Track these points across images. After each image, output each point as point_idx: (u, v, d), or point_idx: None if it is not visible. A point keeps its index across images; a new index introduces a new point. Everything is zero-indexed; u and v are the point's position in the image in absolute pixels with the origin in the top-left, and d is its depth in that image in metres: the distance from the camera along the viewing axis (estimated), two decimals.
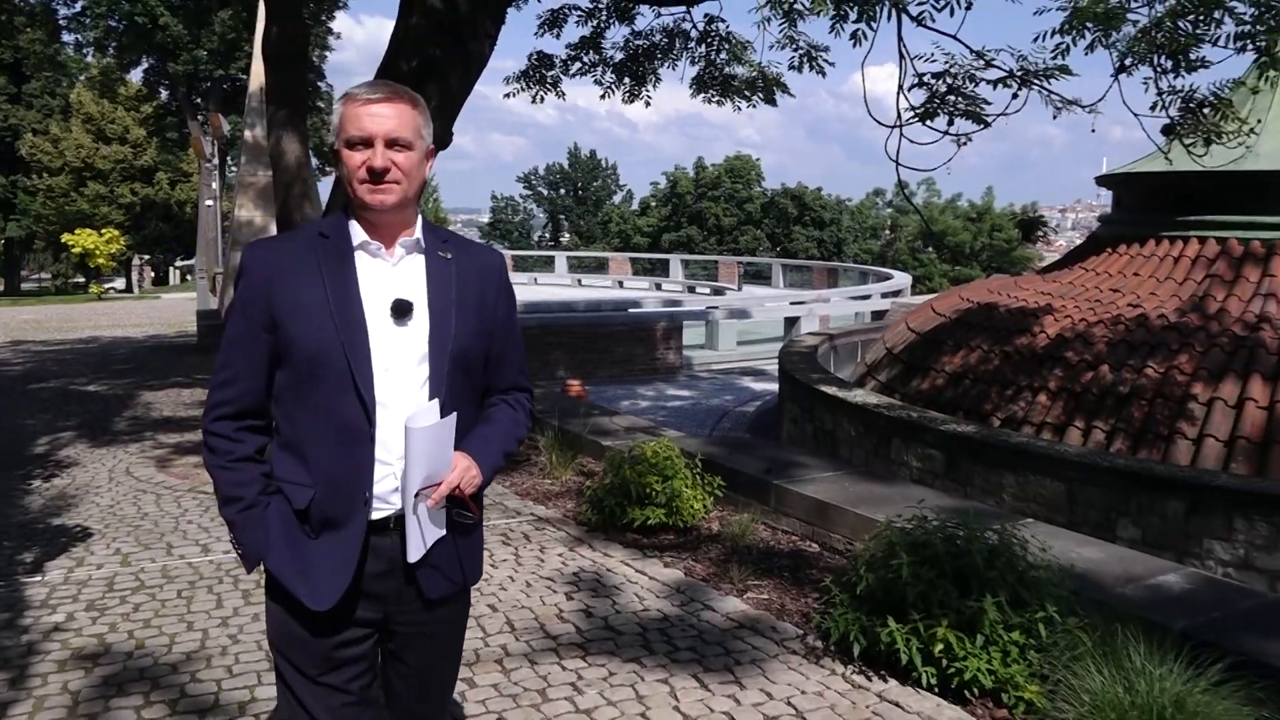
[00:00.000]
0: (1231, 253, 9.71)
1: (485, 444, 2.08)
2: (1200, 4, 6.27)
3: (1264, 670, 3.15)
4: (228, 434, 1.99)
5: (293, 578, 1.95)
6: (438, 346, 1.98)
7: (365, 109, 1.93)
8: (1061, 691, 3.13)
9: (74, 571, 4.85)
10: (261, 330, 1.96)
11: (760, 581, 4.61)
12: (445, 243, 2.08)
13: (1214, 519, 6.53)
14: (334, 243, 1.99)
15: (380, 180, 1.92)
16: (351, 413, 1.92)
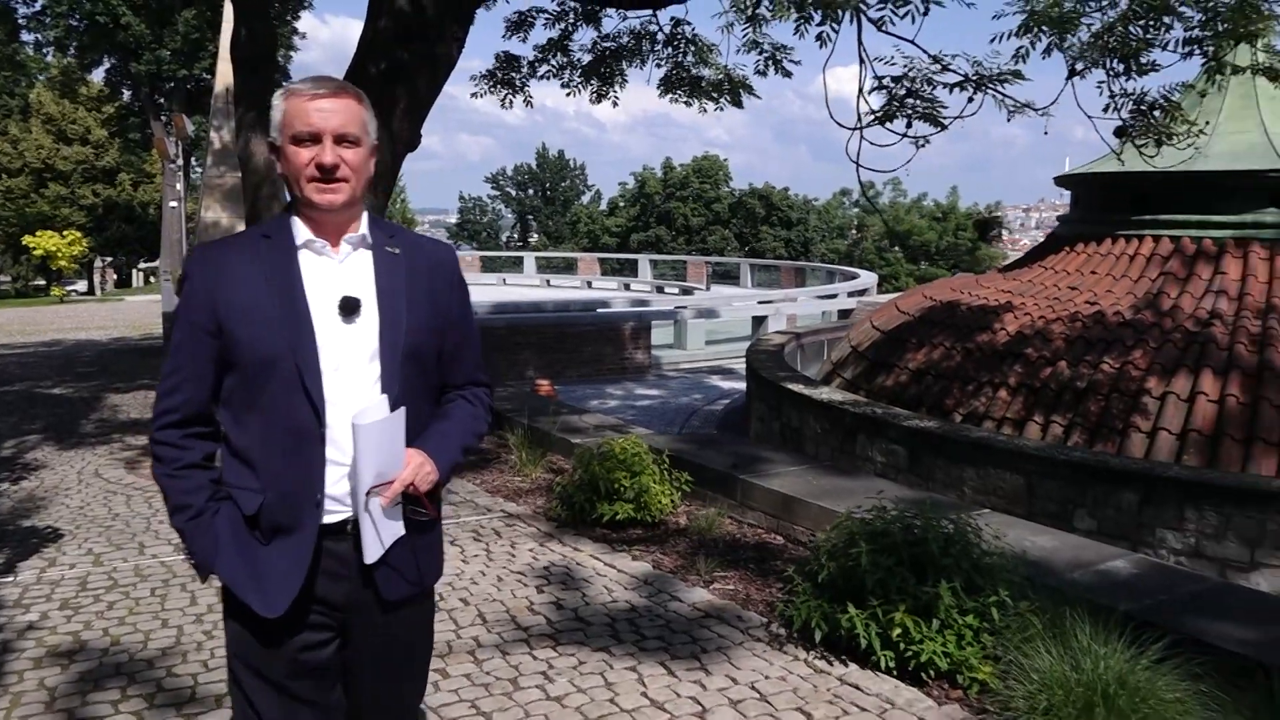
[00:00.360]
0: (1185, 251, 9.98)
1: (441, 440, 2.04)
2: (1150, 9, 6.48)
3: (1203, 648, 3.31)
4: (174, 441, 1.97)
5: (244, 585, 1.92)
6: (389, 343, 1.95)
7: (312, 104, 1.89)
8: (1013, 672, 3.27)
9: (46, 571, 4.88)
10: (206, 335, 1.93)
11: (726, 573, 4.73)
12: (393, 238, 2.05)
13: (1166, 509, 6.73)
14: (277, 243, 1.95)
15: (330, 178, 1.89)
16: (301, 414, 1.88)
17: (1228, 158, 10.01)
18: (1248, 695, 3.03)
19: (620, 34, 9.30)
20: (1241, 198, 9.85)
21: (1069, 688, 3.05)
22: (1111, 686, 2.99)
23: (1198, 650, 3.28)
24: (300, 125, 1.89)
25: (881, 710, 3.36)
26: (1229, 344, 8.33)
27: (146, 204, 43.11)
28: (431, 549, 2.08)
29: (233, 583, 1.93)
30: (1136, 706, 2.95)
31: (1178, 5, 6.44)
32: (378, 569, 1.96)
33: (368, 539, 1.91)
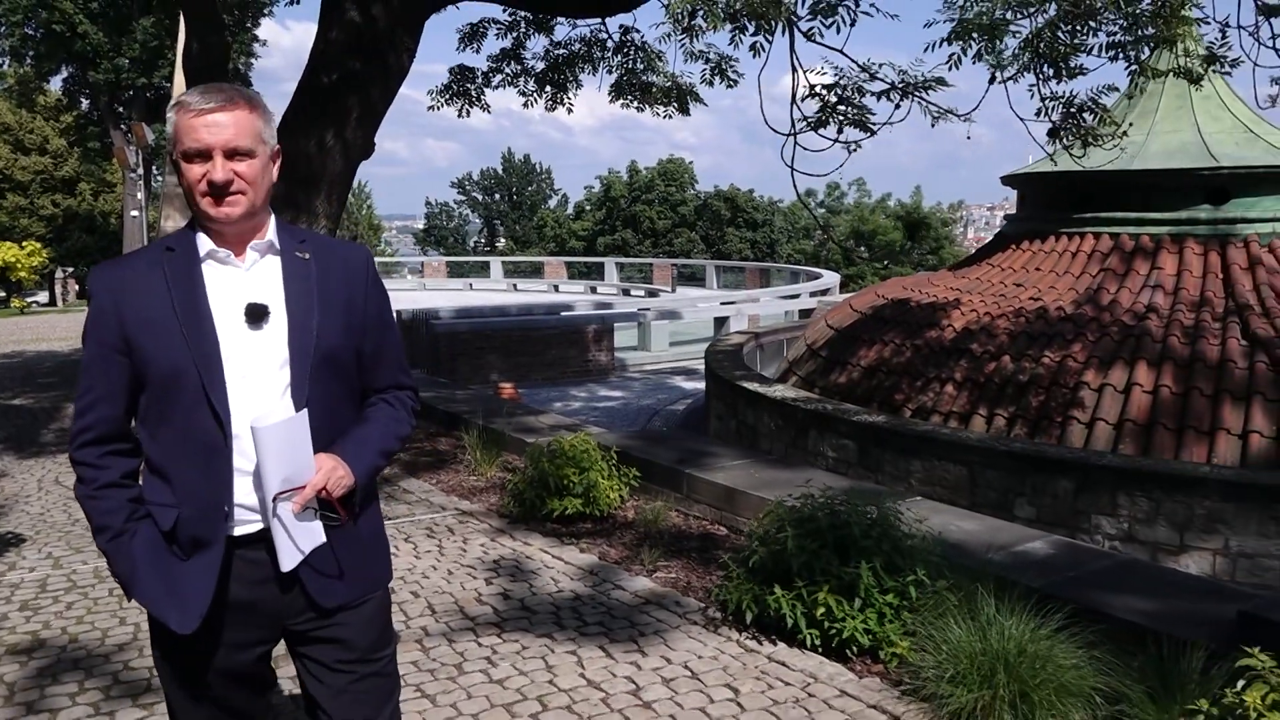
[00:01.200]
0: (1123, 247, 10.31)
1: (358, 444, 2.02)
2: (1076, 15, 6.76)
3: (1101, 618, 3.54)
4: (92, 461, 1.96)
5: (160, 603, 1.92)
6: (298, 349, 1.93)
7: (200, 119, 1.85)
8: (927, 645, 3.48)
9: (6, 575, 4.99)
10: (115, 353, 1.92)
11: (669, 562, 4.92)
12: (303, 243, 2.02)
13: (1100, 496, 7.01)
14: (180, 255, 1.93)
15: (224, 194, 1.87)
16: (206, 426, 1.87)
17: (1163, 156, 10.35)
18: (1138, 659, 3.26)
19: (572, 41, 9.49)
20: (1177, 195, 10.21)
21: (974, 657, 3.26)
22: (1012, 655, 3.21)
23: (1099, 621, 3.52)
24: (189, 142, 1.85)
25: (805, 685, 3.57)
26: (1163, 336, 8.65)
27: (107, 213, 42.72)
28: (366, 553, 2.06)
29: (149, 603, 1.94)
30: (1035, 672, 3.16)
31: (1101, 11, 6.72)
32: (305, 576, 1.95)
33: (281, 546, 1.90)
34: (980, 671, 3.22)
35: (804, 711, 3.36)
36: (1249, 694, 2.71)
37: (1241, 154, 10.04)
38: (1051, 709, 3.12)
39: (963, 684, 3.23)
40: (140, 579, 1.93)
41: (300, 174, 7.06)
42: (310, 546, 1.92)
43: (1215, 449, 7.67)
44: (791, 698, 3.46)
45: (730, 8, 5.33)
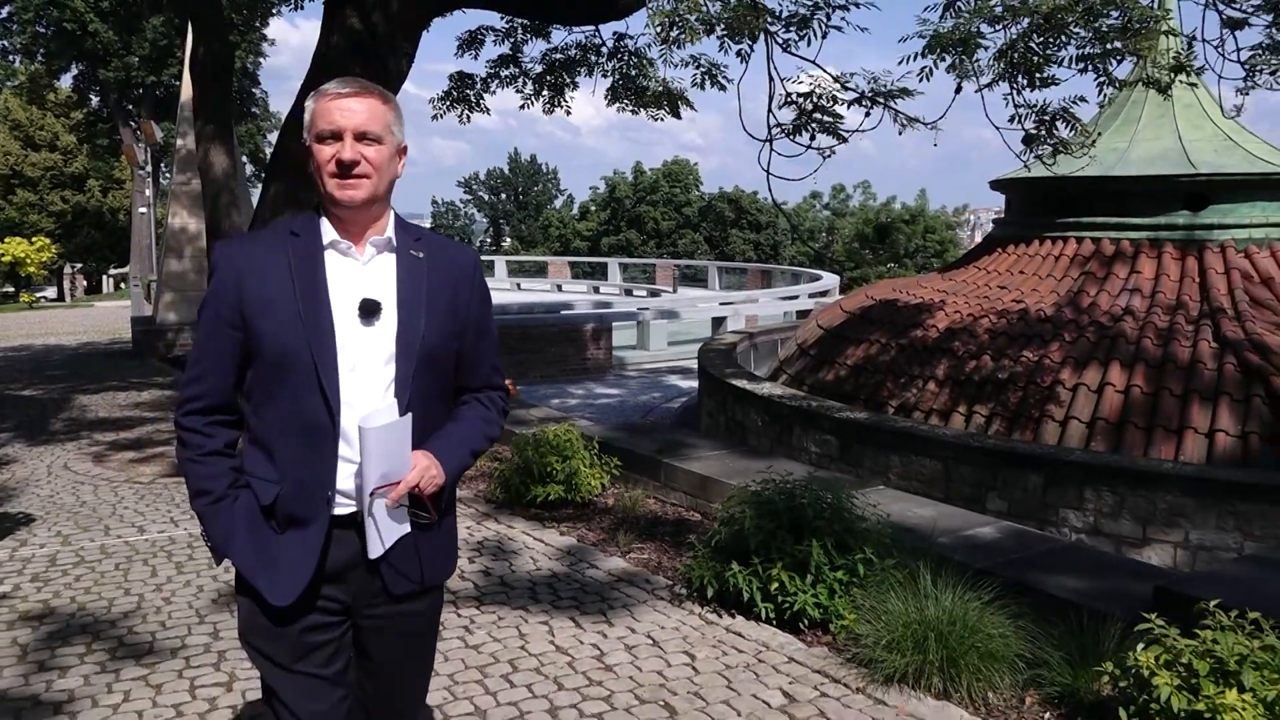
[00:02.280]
0: (1104, 252, 10.57)
1: (450, 443, 2.08)
2: (1047, 29, 7.02)
3: (1034, 594, 3.82)
4: (198, 428, 2.02)
5: (255, 571, 1.98)
6: (405, 347, 1.99)
7: (335, 103, 1.93)
8: (870, 617, 3.76)
9: (18, 551, 5.29)
10: (230, 327, 1.98)
11: (643, 544, 5.21)
12: (418, 241, 2.09)
13: (1068, 491, 7.27)
14: (304, 241, 2.01)
15: (349, 174, 1.93)
16: (316, 411, 1.94)
17: (1143, 163, 10.60)
18: (1060, 629, 3.54)
19: (568, 46, 9.78)
20: (1156, 201, 10.45)
21: (910, 626, 3.54)
22: (944, 625, 3.49)
23: (1032, 597, 3.80)
24: (323, 123, 1.93)
25: (757, 652, 3.85)
26: (1137, 338, 8.90)
27: (116, 210, 43.14)
28: (439, 549, 2.13)
29: (244, 568, 2.00)
30: (963, 640, 3.44)
31: (1071, 26, 6.99)
32: (382, 564, 2.03)
33: (370, 536, 1.98)
34: (914, 639, 3.50)
35: (753, 675, 3.65)
36: (1144, 655, 2.98)
37: (1220, 162, 10.29)
38: (976, 673, 3.40)
39: (897, 650, 3.51)
40: (238, 544, 1.99)
41: (302, 171, 7.35)
42: (395, 538, 2.00)
43: (1183, 447, 7.93)
44: (743, 663, 3.75)
45: (707, 20, 5.61)
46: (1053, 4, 6.80)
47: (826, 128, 6.16)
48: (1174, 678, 2.88)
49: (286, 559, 1.97)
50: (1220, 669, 2.86)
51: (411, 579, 2.06)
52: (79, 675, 3.74)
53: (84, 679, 3.70)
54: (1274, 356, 8.22)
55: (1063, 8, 6.79)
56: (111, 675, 3.73)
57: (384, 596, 2.06)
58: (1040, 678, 3.42)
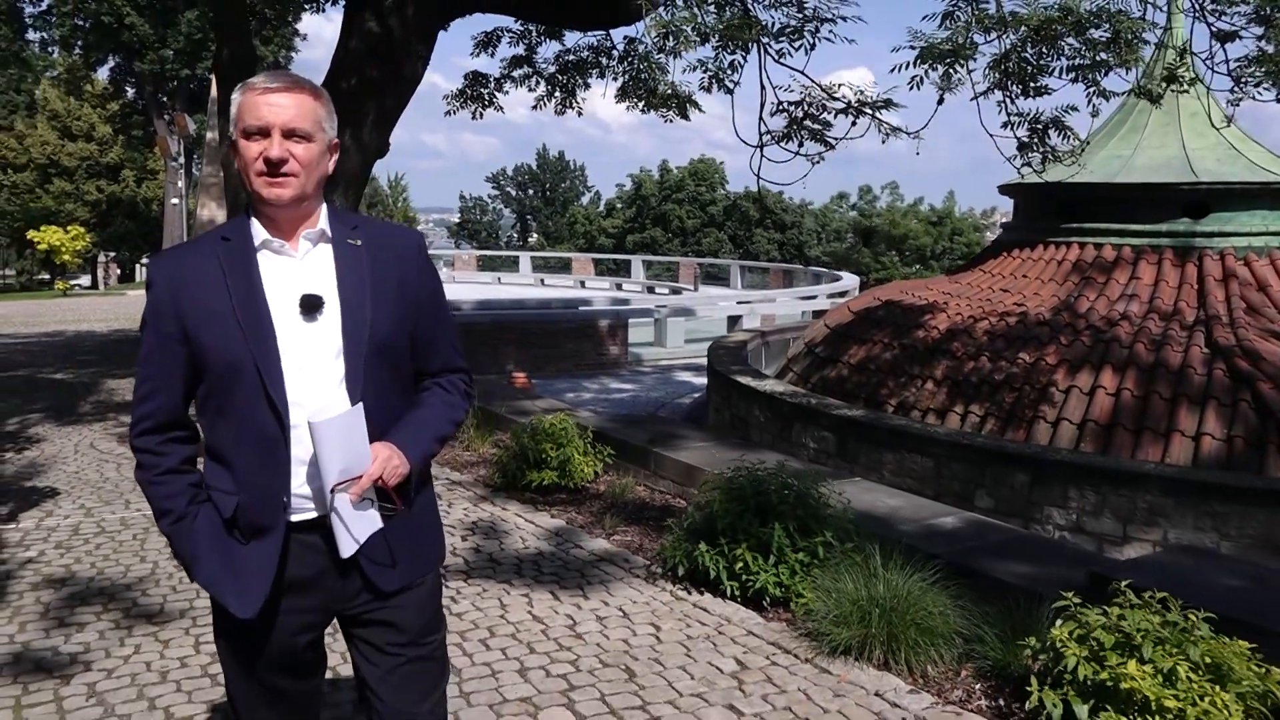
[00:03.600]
0: (1105, 258, 10.74)
1: (413, 431, 2.03)
2: (1040, 40, 7.24)
3: (979, 577, 4.07)
4: (152, 448, 1.99)
5: (221, 586, 1.95)
6: (353, 339, 1.94)
7: (263, 98, 1.88)
8: (824, 595, 4.02)
9: (44, 521, 5.66)
10: (174, 343, 1.94)
11: (628, 528, 5.50)
12: (355, 229, 2.03)
13: (1053, 489, 7.49)
14: (236, 245, 1.96)
15: (276, 172, 1.88)
16: (264, 417, 1.90)
17: (1147, 171, 10.76)
18: (997, 609, 3.79)
19: (580, 49, 10.07)
20: (1158, 209, 10.61)
21: (858, 603, 3.81)
22: (888, 602, 3.75)
23: (979, 581, 4.05)
24: (250, 119, 1.88)
25: (719, 625, 4.13)
26: (1131, 343, 9.08)
27: (149, 200, 43.93)
28: (419, 539, 2.09)
29: (210, 585, 1.97)
30: (905, 615, 3.70)
31: (1063, 36, 7.20)
32: (361, 562, 1.98)
33: (339, 535, 1.93)
34: (860, 615, 3.77)
35: (711, 645, 3.93)
36: (1059, 630, 3.24)
37: (1222, 170, 10.43)
38: (915, 646, 3.66)
39: (844, 625, 3.78)
40: (202, 562, 1.97)
41: None
42: (366, 534, 1.95)
43: (1169, 450, 8.11)
44: (704, 635, 4.03)
45: (702, 30, 5.89)
46: (1044, 16, 7.04)
47: (815, 135, 6.41)
48: (1083, 650, 3.13)
49: (249, 571, 1.94)
50: (1126, 642, 3.10)
51: (395, 573, 2.02)
52: (95, 631, 4.08)
53: (99, 634, 4.04)
54: (1264, 363, 8.38)
55: (1054, 20, 7.03)
56: (124, 631, 4.07)
57: (369, 594, 2.02)
58: (975, 652, 3.67)
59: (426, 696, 2.15)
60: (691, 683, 3.60)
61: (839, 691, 3.53)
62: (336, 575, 1.99)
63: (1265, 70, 6.71)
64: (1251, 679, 3.01)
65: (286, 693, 2.09)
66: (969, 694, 3.53)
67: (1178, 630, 3.09)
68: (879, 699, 3.47)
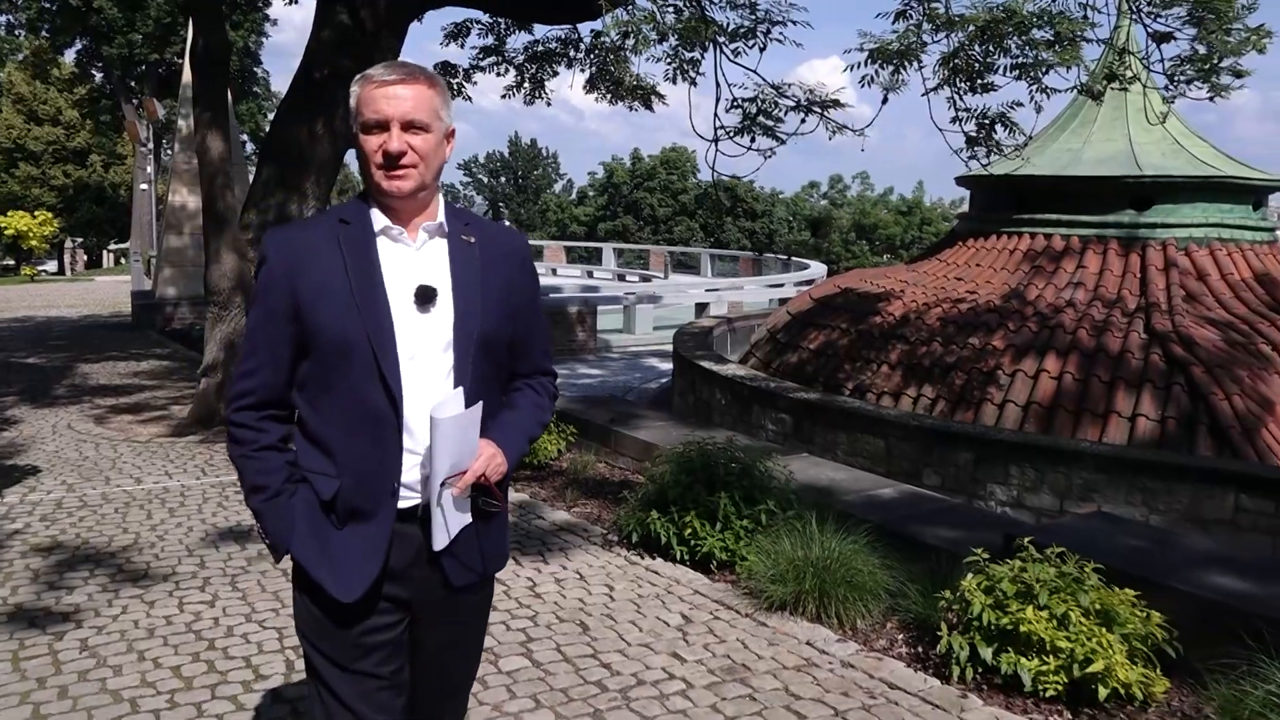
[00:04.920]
0: (1055, 247, 11.15)
1: (510, 430, 2.05)
2: (987, 39, 7.60)
3: (909, 541, 4.43)
4: (250, 423, 1.97)
5: (318, 567, 1.93)
6: (463, 333, 1.94)
7: (381, 91, 1.88)
8: (765, 557, 4.36)
9: (28, 496, 5.90)
10: (283, 320, 1.92)
11: (588, 501, 5.82)
12: (468, 225, 2.05)
13: (995, 467, 7.88)
14: (355, 229, 1.96)
15: (396, 165, 1.88)
16: (378, 401, 1.88)
17: (1094, 164, 11.18)
18: (922, 567, 4.15)
19: (549, 40, 10.34)
20: (1104, 201, 11.03)
21: (794, 563, 4.15)
22: (821, 561, 4.10)
23: (910, 544, 4.41)
24: (369, 113, 1.88)
25: (668, 586, 4.46)
26: (1074, 329, 9.49)
27: (117, 185, 43.64)
28: (496, 538, 2.09)
29: (307, 562, 1.95)
30: (835, 573, 4.05)
31: (1008, 36, 7.56)
32: (444, 557, 1.98)
33: (436, 528, 1.93)
34: (796, 573, 4.11)
35: (660, 603, 4.26)
36: (968, 581, 3.59)
37: (1165, 164, 10.86)
38: (845, 601, 4.01)
39: (780, 582, 4.12)
40: (299, 538, 1.96)
41: (293, 157, 7.95)
42: (458, 528, 1.97)
43: (1107, 430, 8.53)
44: (653, 594, 4.36)
45: (661, 30, 6.19)
46: (990, 16, 7.40)
47: (767, 130, 6.74)
48: (989, 599, 3.49)
49: (348, 555, 1.92)
50: (1027, 592, 3.46)
51: (474, 570, 2.03)
52: (84, 594, 4.34)
53: (88, 596, 4.31)
54: (1197, 348, 8.82)
55: (999, 20, 7.39)
56: (111, 594, 4.34)
57: (443, 590, 2.01)
58: (899, 606, 4.03)
59: (464, 686, 2.22)
60: (640, 634, 3.93)
61: (773, 641, 3.87)
62: (425, 567, 1.99)
63: (1195, 69, 7.09)
64: (1135, 622, 3.37)
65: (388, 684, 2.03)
66: (892, 642, 3.88)
67: (1070, 580, 3.45)
68: (809, 647, 3.81)
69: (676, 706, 3.33)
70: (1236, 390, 8.42)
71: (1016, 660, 3.37)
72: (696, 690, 3.44)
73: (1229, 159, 11.29)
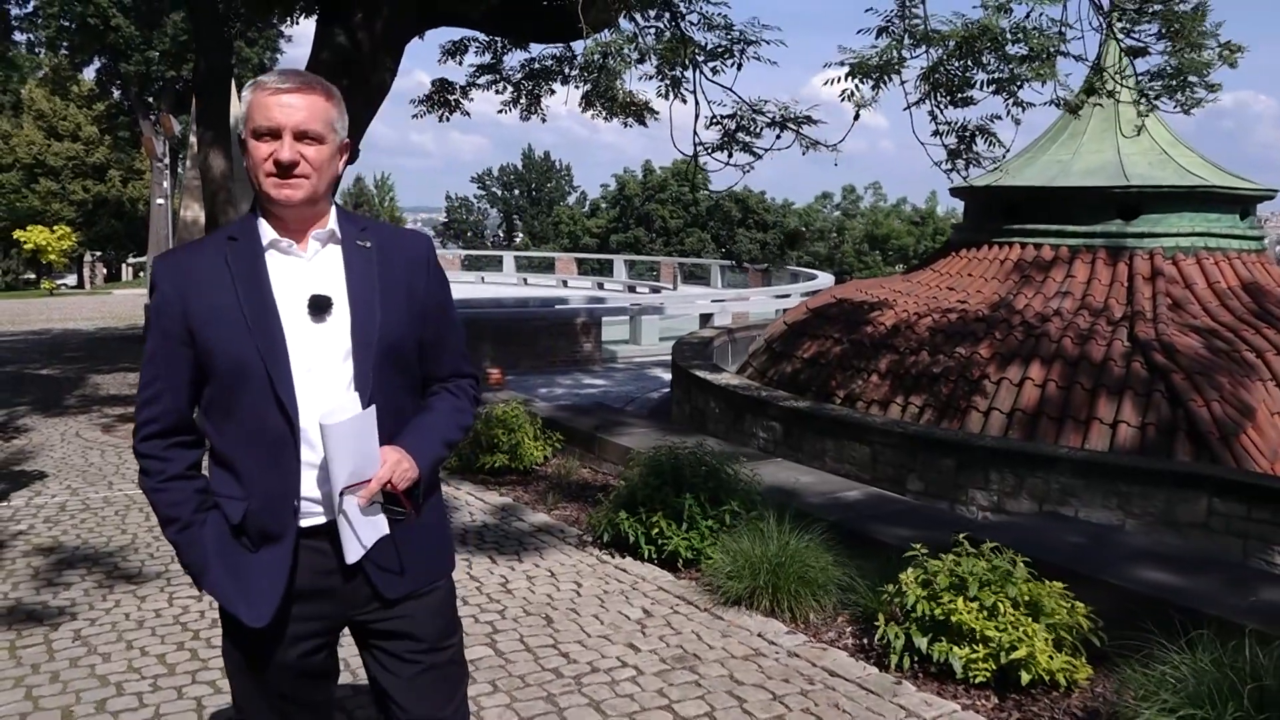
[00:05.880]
0: (1044, 257, 11.32)
1: (421, 435, 2.00)
2: (964, 54, 7.81)
3: (867, 540, 4.63)
4: (156, 454, 1.95)
5: (230, 595, 1.92)
6: (362, 340, 1.91)
7: (274, 98, 1.85)
8: (725, 554, 4.56)
9: (33, 499, 6.17)
10: (179, 344, 1.90)
11: (568, 504, 6.04)
12: (364, 230, 2.01)
13: (976, 472, 8.05)
14: (243, 244, 1.92)
15: (288, 175, 1.85)
16: (273, 419, 1.86)
17: (1083, 174, 11.34)
18: (874, 564, 4.34)
19: (544, 58, 10.61)
20: (1093, 211, 11.20)
21: (752, 556, 4.35)
22: (776, 558, 4.30)
23: (867, 542, 4.60)
24: (261, 119, 1.85)
25: (634, 583, 4.67)
26: (1059, 338, 9.66)
27: (135, 200, 44.24)
28: (428, 545, 2.06)
29: (219, 594, 1.94)
30: (789, 570, 4.25)
31: (986, 52, 7.76)
32: (369, 569, 1.94)
33: (346, 540, 1.90)
34: (751, 569, 4.31)
35: (624, 598, 4.47)
36: (906, 575, 3.79)
37: (1153, 174, 11.02)
38: (796, 596, 4.21)
39: (737, 578, 4.32)
40: (210, 570, 1.93)
41: None
42: (374, 539, 1.92)
43: (1089, 437, 8.69)
44: (619, 590, 4.57)
45: (642, 49, 6.43)
46: (966, 32, 7.62)
47: (745, 146, 6.97)
48: (925, 591, 3.68)
49: (259, 578, 1.91)
50: (961, 584, 3.65)
51: (402, 580, 1.98)
52: (80, 589, 4.60)
53: (84, 592, 4.57)
54: (1178, 356, 8.97)
55: (975, 36, 7.60)
56: (106, 589, 4.59)
57: (377, 602, 1.99)
58: (849, 600, 4.22)
59: (449, 701, 2.12)
60: (601, 627, 4.14)
61: (726, 633, 4.07)
62: (344, 582, 1.96)
63: (1162, 85, 7.28)
64: (1061, 613, 3.56)
65: (299, 703, 2.04)
66: (840, 634, 4.08)
67: (1001, 574, 3.64)
68: (759, 638, 4.01)
69: (625, 691, 3.54)
70: (1216, 396, 8.56)
71: (949, 649, 3.57)
72: (646, 677, 3.66)
73: (1216, 169, 11.44)
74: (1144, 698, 2.92)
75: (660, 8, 7.14)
